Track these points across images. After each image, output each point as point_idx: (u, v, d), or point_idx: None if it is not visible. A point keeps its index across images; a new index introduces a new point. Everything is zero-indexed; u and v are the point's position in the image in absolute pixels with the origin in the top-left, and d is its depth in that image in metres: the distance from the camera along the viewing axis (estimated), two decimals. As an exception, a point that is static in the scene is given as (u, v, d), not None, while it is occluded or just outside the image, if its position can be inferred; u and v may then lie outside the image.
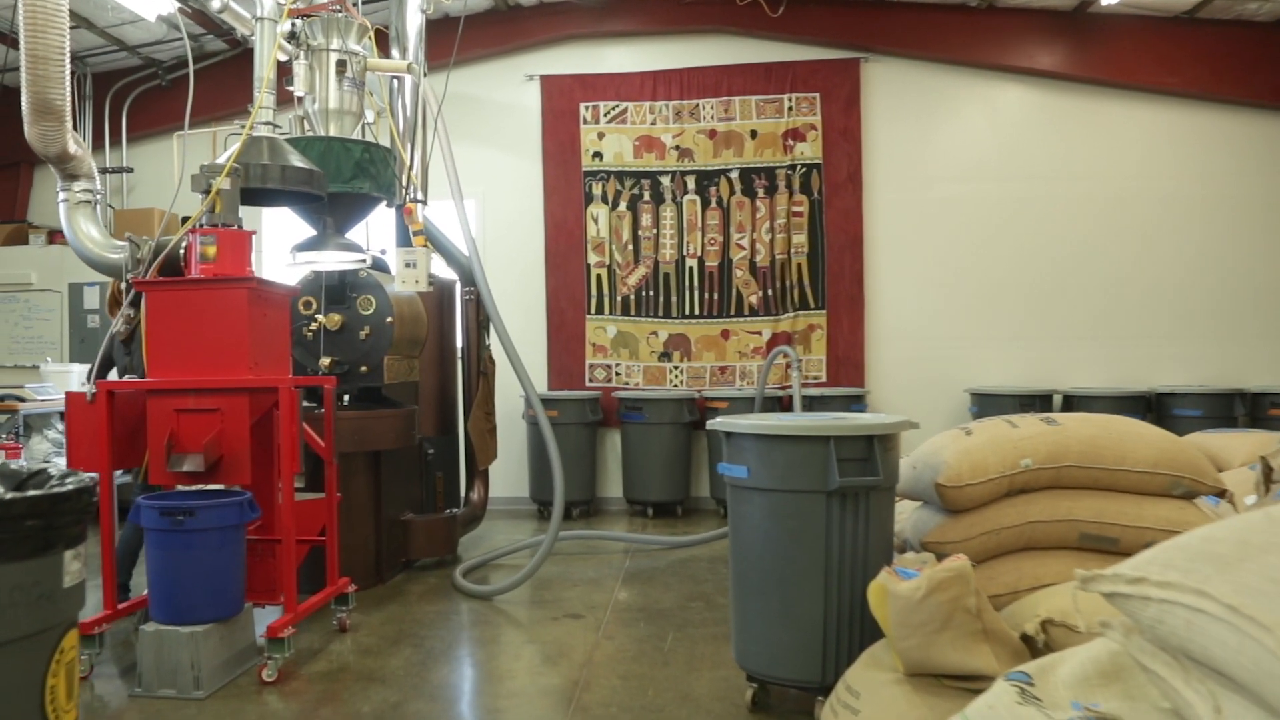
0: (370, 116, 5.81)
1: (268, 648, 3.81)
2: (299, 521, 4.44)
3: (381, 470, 5.42)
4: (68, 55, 4.23)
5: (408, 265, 5.16)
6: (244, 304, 3.91)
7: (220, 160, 4.17)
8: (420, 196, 5.37)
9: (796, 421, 3.39)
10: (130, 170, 8.41)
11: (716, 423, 3.53)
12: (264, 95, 4.67)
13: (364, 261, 5.11)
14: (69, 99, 4.29)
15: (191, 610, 3.66)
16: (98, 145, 8.31)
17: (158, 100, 8.42)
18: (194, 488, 4.01)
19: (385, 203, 5.61)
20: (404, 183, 5.54)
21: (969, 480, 3.15)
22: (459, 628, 4.66)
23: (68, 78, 4.26)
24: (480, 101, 8.34)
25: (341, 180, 5.21)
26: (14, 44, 5.43)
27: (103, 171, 8.29)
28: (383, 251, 5.74)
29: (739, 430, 3.36)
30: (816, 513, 3.18)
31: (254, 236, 4.18)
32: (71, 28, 4.38)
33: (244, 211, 4.21)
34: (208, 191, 4.07)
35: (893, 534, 3.45)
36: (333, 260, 5.05)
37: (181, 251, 4.16)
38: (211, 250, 4.01)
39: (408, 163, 5.58)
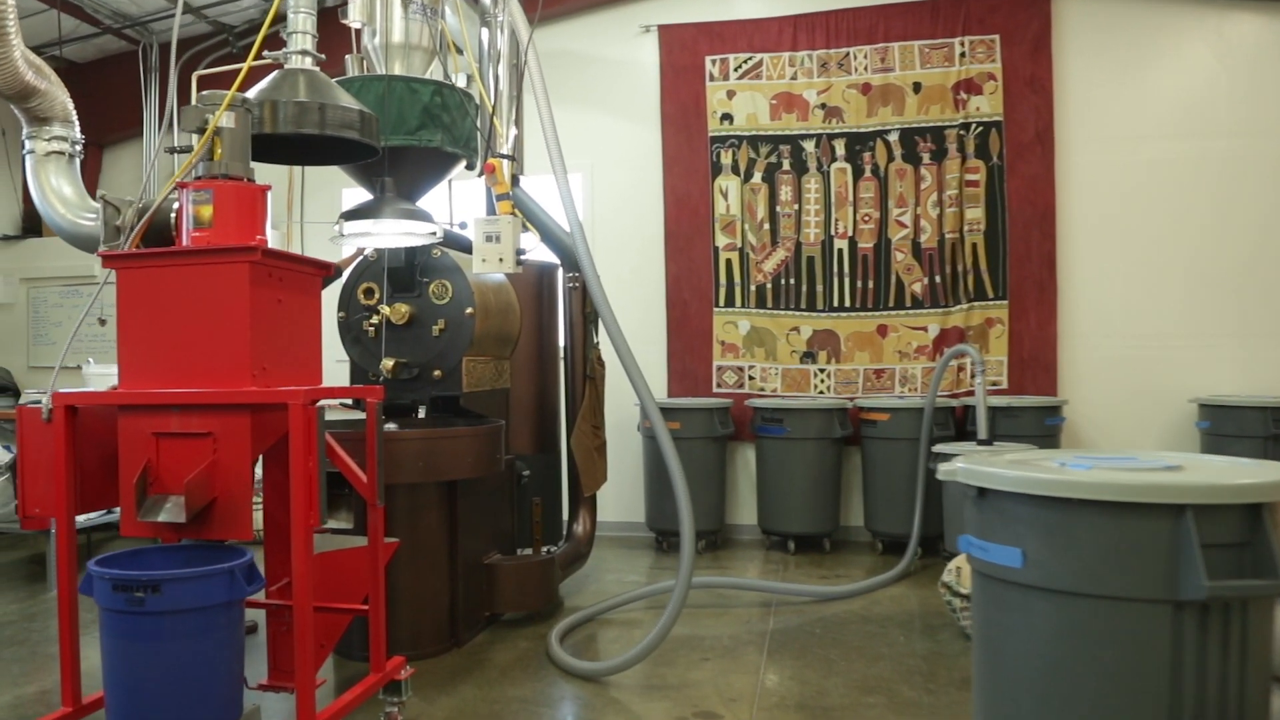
0: (460, 80, 4.64)
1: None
2: (345, 576, 3.30)
3: (459, 503, 4.23)
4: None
5: (489, 239, 3.95)
6: (244, 284, 2.75)
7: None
8: (508, 151, 4.15)
9: (1116, 475, 1.99)
10: (201, 148, 7.51)
11: (955, 469, 2.16)
12: (301, 15, 3.53)
13: (434, 235, 3.92)
14: (13, 14, 3.24)
15: (161, 726, 2.53)
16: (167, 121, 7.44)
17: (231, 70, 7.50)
18: (181, 543, 2.88)
19: (465, 163, 4.43)
20: (486, 134, 4.33)
21: None
22: (552, 726, 3.44)
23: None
24: (587, 59, 7.14)
25: (405, 131, 4.05)
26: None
27: (171, 151, 7.43)
28: (462, 225, 4.56)
29: (1007, 486, 1.98)
30: (1156, 637, 1.79)
31: (268, 194, 3.03)
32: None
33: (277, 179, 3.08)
34: (202, 131, 2.94)
35: (1272, 665, 2.03)
36: (391, 233, 3.87)
37: (173, 216, 3.04)
38: (206, 211, 2.88)
39: (490, 105, 4.37)
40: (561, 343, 5.47)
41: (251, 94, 3.30)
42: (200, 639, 2.56)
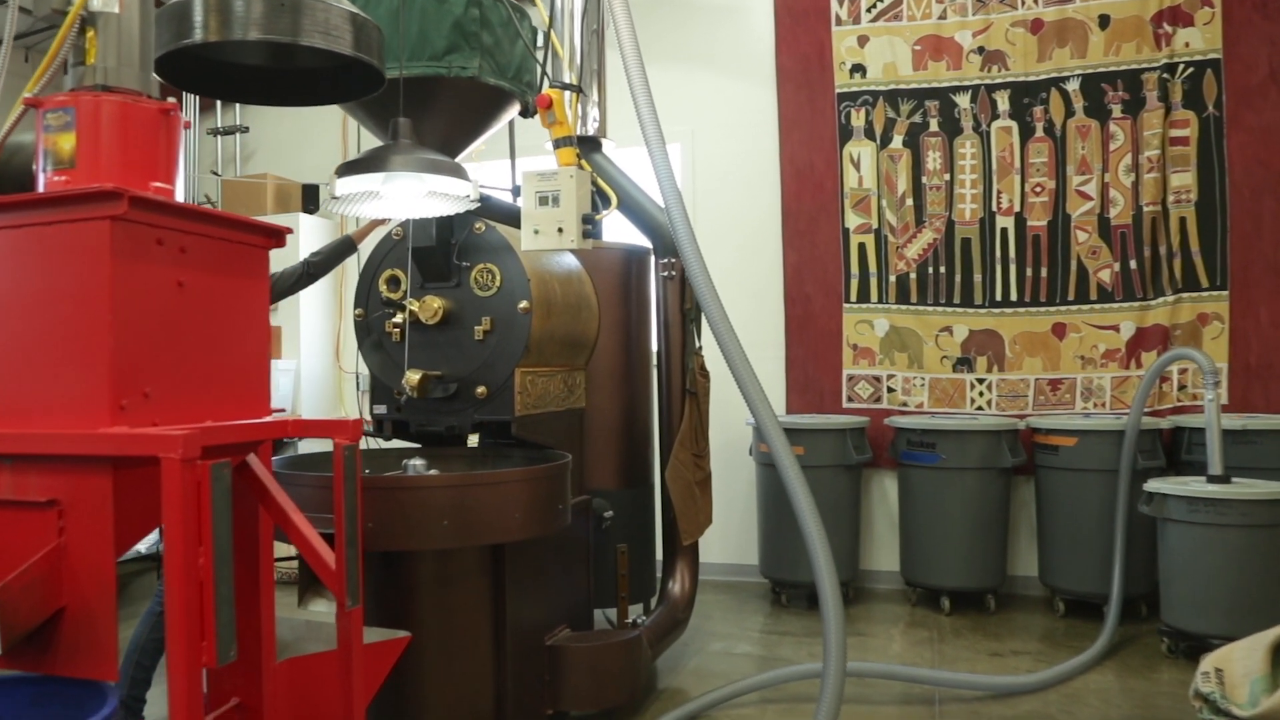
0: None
1: None
2: (329, 691, 2.20)
3: (507, 566, 3.09)
4: None
5: (542, 202, 2.80)
6: (102, 256, 1.66)
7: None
8: (572, 80, 2.99)
9: None
10: (245, 130, 6.61)
11: None
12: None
13: (469, 199, 2.77)
14: None
15: None
16: (207, 101, 6.57)
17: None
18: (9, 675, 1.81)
19: (517, 104, 3.28)
20: (544, 57, 3.17)
21: None
22: None
23: None
24: (686, 8, 5.95)
25: (429, 56, 2.94)
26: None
27: (212, 133, 6.57)
28: (516, 190, 3.43)
29: None
30: None
31: (179, 119, 1.94)
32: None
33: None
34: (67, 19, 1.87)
35: None
36: (406, 194, 2.73)
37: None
38: (67, 142, 1.80)
39: (547, 20, 3.20)
40: (655, 347, 4.29)
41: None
42: None
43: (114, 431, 1.63)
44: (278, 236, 2.06)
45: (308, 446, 6.04)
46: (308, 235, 5.97)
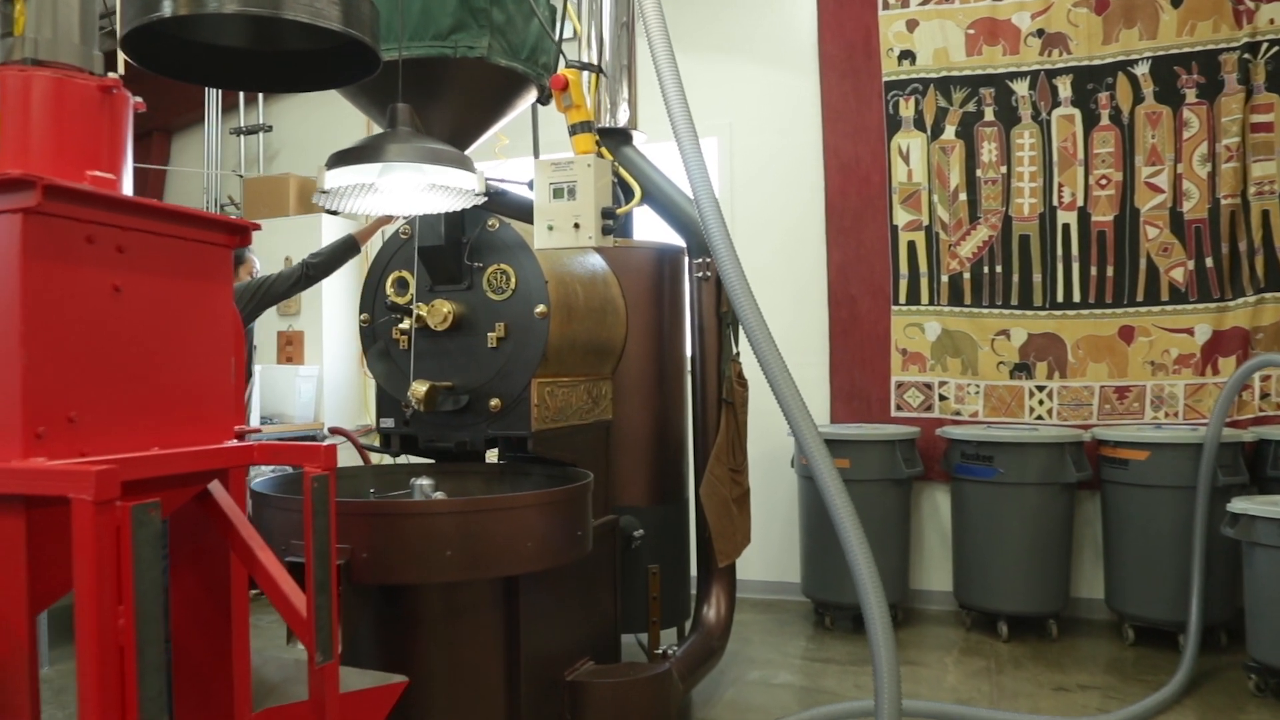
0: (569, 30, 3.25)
1: None
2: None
3: (521, 597, 2.80)
4: None
5: (557, 194, 2.51)
6: (12, 256, 1.40)
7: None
8: (591, 59, 2.70)
9: None
10: (269, 129, 6.41)
11: None
12: None
13: (474, 194, 2.48)
14: None
15: None
16: (230, 100, 6.39)
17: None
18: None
19: (534, 89, 3.00)
20: (556, 36, 2.89)
21: None
22: None
23: None
24: (725, -7, 5.65)
25: (433, 35, 2.66)
26: None
27: (235, 132, 6.38)
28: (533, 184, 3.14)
29: None
30: None
31: (124, 96, 1.68)
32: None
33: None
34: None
35: None
36: (406, 186, 2.45)
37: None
38: (-14, 122, 1.55)
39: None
40: (689, 353, 3.99)
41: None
42: None
43: (25, 465, 1.37)
44: (242, 233, 1.80)
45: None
46: (333, 237, 5.74)
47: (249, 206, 6.09)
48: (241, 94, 6.34)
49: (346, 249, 3.81)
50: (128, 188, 1.71)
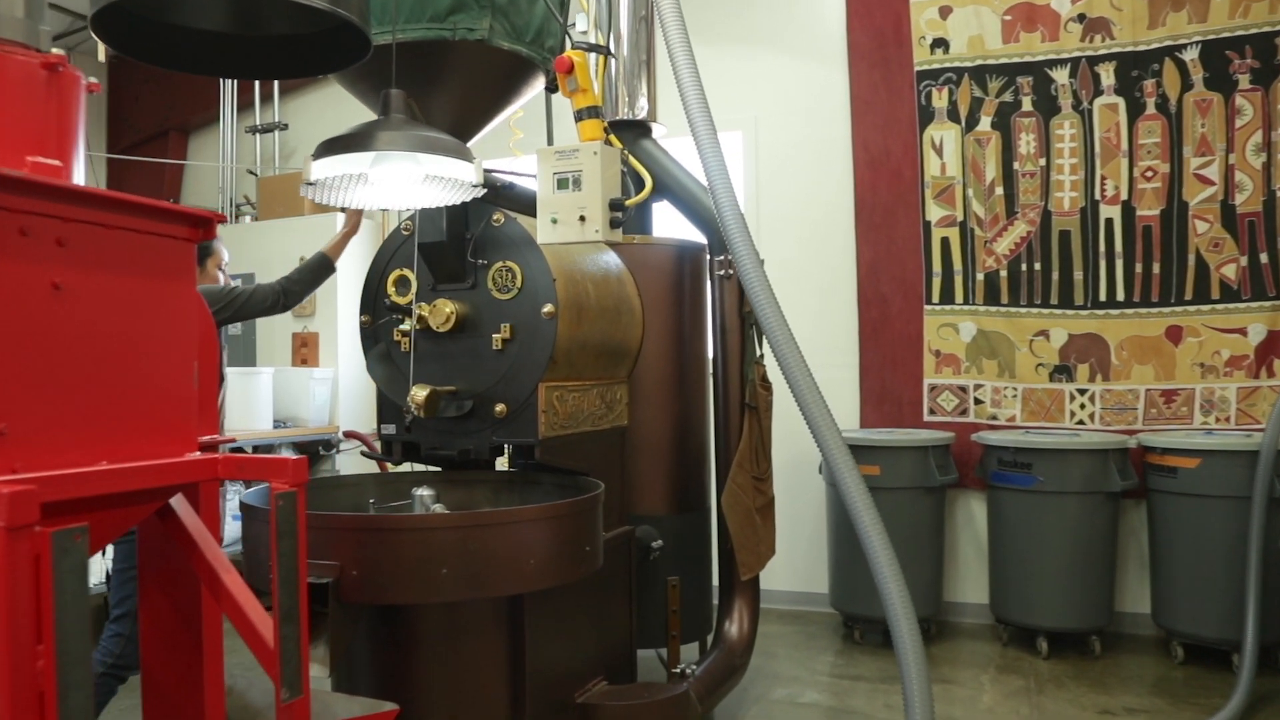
0: (582, 23, 3.07)
1: None
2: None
3: (527, 616, 2.63)
4: None
5: (560, 185, 2.34)
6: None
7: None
8: (598, 40, 2.52)
9: None
10: (284, 127, 6.29)
11: None
12: None
13: (473, 186, 2.30)
14: None
15: None
16: (245, 99, 6.27)
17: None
18: None
19: (540, 76, 2.82)
20: (564, 18, 2.71)
21: None
22: None
23: None
24: (750, -18, 5.45)
25: (430, 16, 2.50)
26: None
27: (251, 130, 6.27)
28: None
29: None
30: None
31: (73, 73, 1.52)
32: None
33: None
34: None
35: None
36: (400, 178, 2.28)
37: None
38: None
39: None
40: (712, 354, 3.81)
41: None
42: None
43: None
44: (205, 225, 1.63)
45: (348, 463, 5.69)
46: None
47: (264, 205, 5.97)
48: (257, 92, 6.22)
49: (322, 268, 3.66)
50: (79, 176, 1.55)
